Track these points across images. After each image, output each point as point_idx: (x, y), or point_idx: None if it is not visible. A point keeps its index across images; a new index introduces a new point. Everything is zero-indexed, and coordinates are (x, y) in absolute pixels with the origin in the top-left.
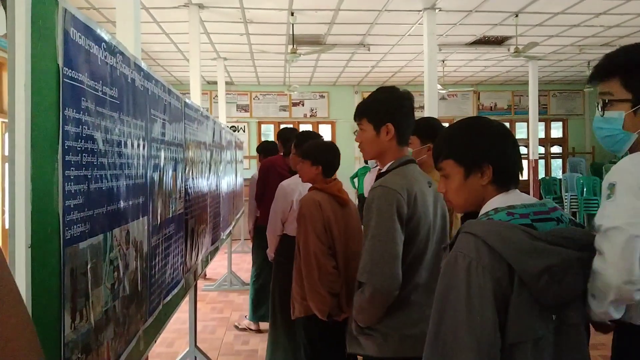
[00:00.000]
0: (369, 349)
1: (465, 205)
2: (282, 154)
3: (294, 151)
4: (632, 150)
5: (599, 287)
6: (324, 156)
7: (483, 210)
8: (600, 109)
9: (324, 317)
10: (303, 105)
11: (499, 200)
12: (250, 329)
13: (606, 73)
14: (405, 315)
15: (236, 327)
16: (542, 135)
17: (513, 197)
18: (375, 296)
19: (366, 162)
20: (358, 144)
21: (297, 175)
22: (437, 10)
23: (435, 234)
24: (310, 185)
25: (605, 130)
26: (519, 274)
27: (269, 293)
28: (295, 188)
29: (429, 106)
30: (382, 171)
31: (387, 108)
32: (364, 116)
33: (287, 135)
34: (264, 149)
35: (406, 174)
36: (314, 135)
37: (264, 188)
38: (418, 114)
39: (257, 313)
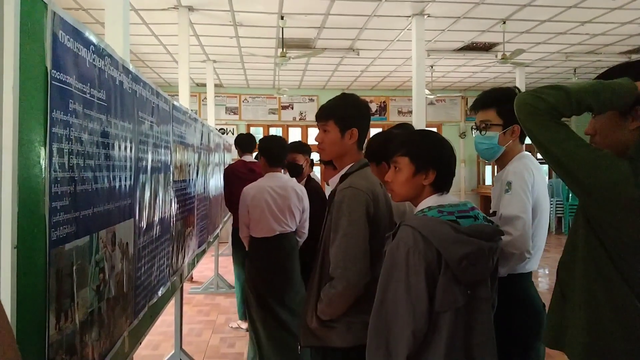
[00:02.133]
0: (331, 341)
1: (404, 197)
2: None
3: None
4: (499, 158)
5: (505, 256)
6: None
7: (419, 208)
8: (479, 130)
9: None
10: (292, 108)
11: (433, 200)
12: (242, 328)
13: (486, 105)
14: (367, 305)
15: (230, 327)
16: (528, 141)
17: (444, 199)
18: (347, 290)
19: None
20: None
21: (263, 178)
22: (425, 16)
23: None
24: (280, 187)
25: (485, 145)
26: (445, 258)
27: None
28: (258, 193)
29: (417, 111)
30: (343, 173)
31: (355, 113)
32: (331, 118)
33: (244, 140)
34: (241, 143)
35: (368, 177)
36: (276, 139)
37: (230, 194)
38: (406, 119)
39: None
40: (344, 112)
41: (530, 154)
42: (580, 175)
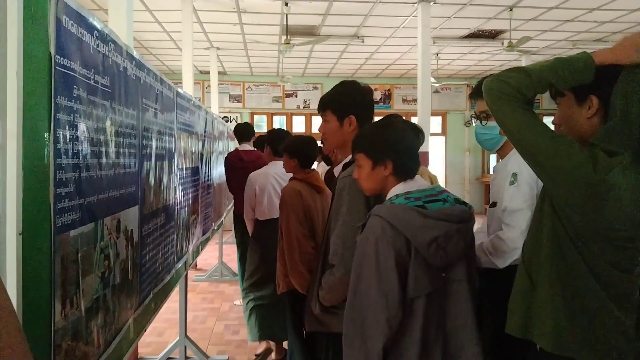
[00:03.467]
0: (334, 326)
1: (373, 190)
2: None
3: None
4: (500, 148)
5: (502, 248)
6: (301, 150)
7: (388, 197)
8: (479, 120)
9: (304, 291)
10: (296, 96)
11: (399, 188)
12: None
13: (478, 94)
14: None
15: (234, 304)
16: None
17: (410, 185)
18: (345, 278)
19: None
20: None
21: (266, 166)
22: (431, 3)
23: None
24: (283, 174)
25: (486, 135)
26: (414, 244)
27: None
28: (259, 178)
29: (421, 99)
30: (346, 161)
31: (350, 100)
32: (328, 108)
33: (241, 129)
34: (238, 131)
35: None
36: (283, 132)
37: (227, 180)
38: (411, 107)
39: None
40: (340, 100)
41: None
42: (542, 160)
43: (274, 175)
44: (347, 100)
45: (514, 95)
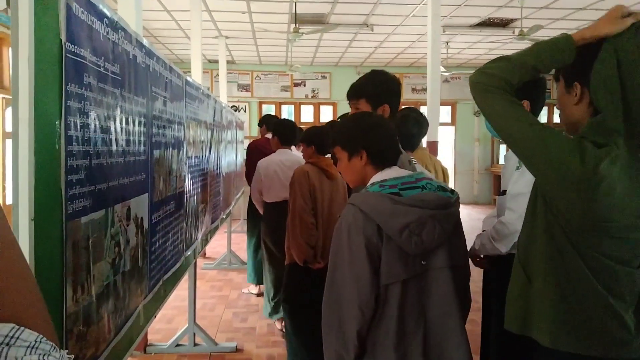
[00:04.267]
0: None
1: (355, 181)
2: (267, 135)
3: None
4: None
5: (504, 232)
6: (317, 138)
7: (367, 185)
8: None
9: (301, 263)
10: (305, 85)
11: (377, 177)
12: (252, 293)
13: None
14: None
15: (243, 292)
16: (544, 120)
17: (388, 173)
18: None
19: None
20: None
21: (275, 153)
22: None
23: None
24: (289, 161)
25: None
26: (385, 231)
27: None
28: (270, 164)
29: (431, 88)
30: None
31: (385, 90)
32: (363, 96)
33: (267, 120)
34: (266, 122)
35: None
36: (290, 123)
37: (252, 167)
38: (421, 96)
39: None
40: (375, 89)
41: None
42: (530, 154)
43: (278, 162)
44: (383, 89)
45: (499, 85)
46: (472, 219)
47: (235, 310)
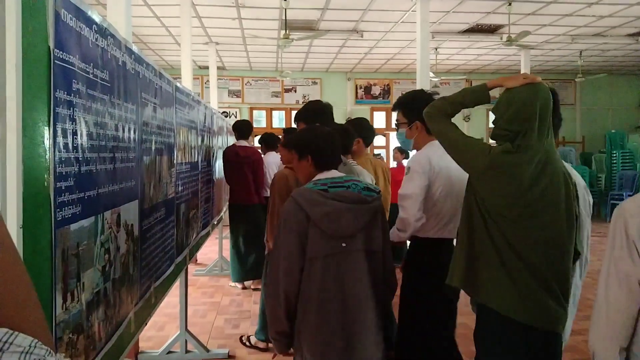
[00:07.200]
0: None
1: (304, 178)
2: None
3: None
4: (416, 147)
5: (404, 224)
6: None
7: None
8: (397, 127)
9: None
10: (295, 91)
11: (317, 177)
12: (237, 286)
13: (395, 108)
14: None
15: (230, 285)
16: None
17: (325, 174)
18: None
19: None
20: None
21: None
22: None
23: None
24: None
25: (400, 138)
26: (311, 217)
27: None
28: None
29: None
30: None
31: (312, 114)
32: (302, 120)
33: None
34: (240, 129)
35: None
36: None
37: (225, 172)
38: None
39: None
40: (307, 112)
41: (438, 142)
42: (459, 154)
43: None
44: (310, 113)
45: (439, 114)
46: None
47: (226, 316)
